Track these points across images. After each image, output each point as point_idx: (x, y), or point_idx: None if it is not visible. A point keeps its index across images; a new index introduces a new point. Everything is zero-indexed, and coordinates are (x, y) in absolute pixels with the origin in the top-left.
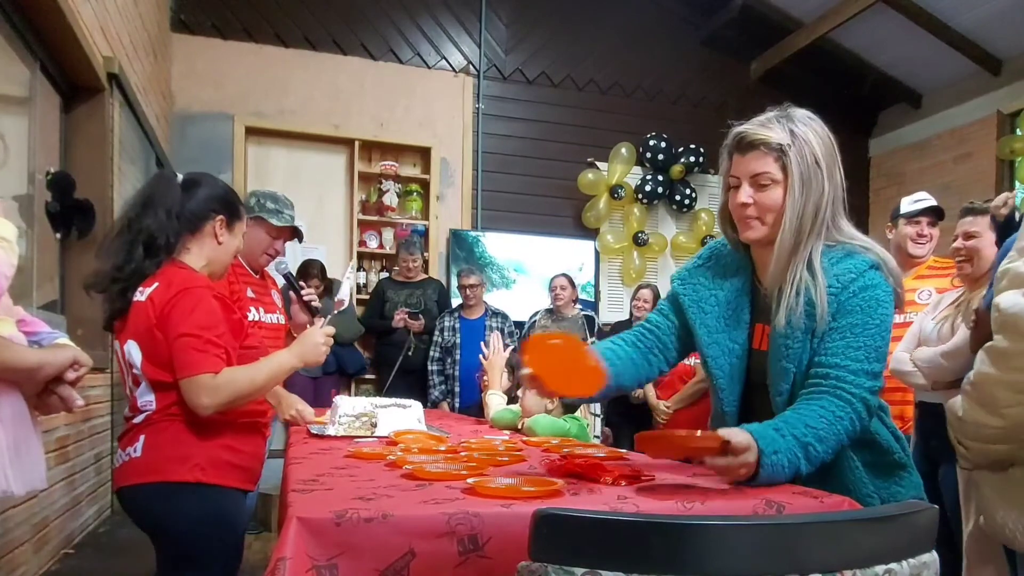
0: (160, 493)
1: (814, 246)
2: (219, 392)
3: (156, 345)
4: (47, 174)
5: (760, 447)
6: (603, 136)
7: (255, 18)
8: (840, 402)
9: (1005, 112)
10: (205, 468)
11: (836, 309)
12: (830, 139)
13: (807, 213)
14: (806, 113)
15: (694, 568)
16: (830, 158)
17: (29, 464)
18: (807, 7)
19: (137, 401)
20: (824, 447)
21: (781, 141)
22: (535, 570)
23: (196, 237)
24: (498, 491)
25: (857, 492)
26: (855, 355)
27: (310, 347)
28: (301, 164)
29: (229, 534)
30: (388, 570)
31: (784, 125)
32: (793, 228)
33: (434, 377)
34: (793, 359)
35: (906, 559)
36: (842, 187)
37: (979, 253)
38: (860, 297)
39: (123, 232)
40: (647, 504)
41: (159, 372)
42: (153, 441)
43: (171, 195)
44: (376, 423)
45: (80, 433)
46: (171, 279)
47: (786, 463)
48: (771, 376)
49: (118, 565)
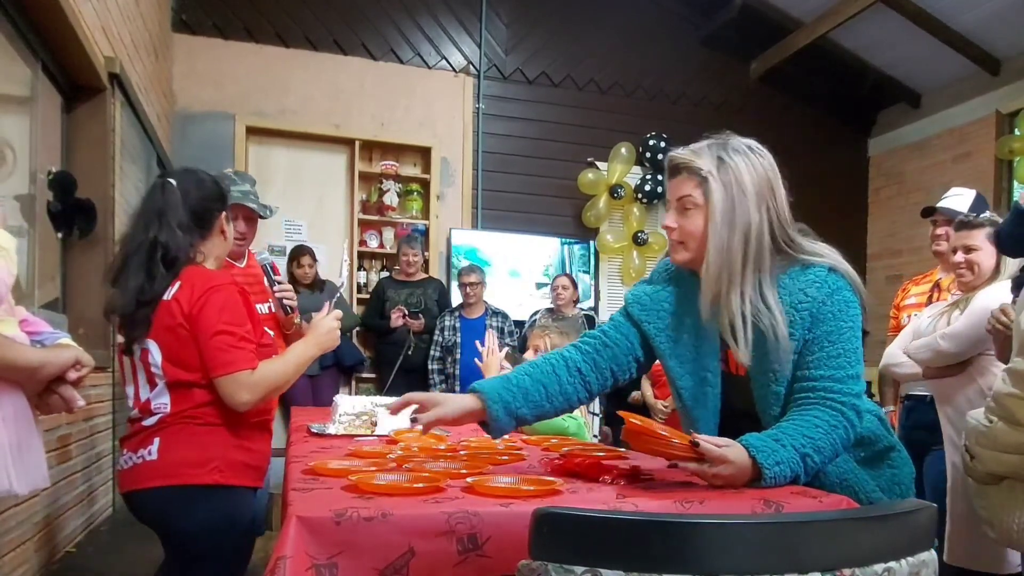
0: (178, 496)
1: (761, 278)
2: (258, 387)
3: (180, 344)
4: (48, 174)
5: (760, 461)
6: (603, 136)
7: (256, 18)
8: (832, 412)
9: (1004, 112)
10: (223, 470)
11: (811, 321)
12: (769, 169)
13: (734, 243)
14: (747, 143)
15: (693, 567)
16: (763, 187)
17: (32, 463)
18: (807, 7)
19: (151, 403)
20: (821, 457)
21: (703, 167)
22: (535, 569)
23: (208, 239)
24: (497, 490)
25: (863, 491)
26: (837, 363)
27: (325, 333)
28: (302, 164)
29: (239, 533)
30: (388, 569)
31: (714, 152)
32: (718, 257)
33: (434, 376)
34: (783, 382)
35: (905, 557)
36: (780, 217)
37: (979, 265)
38: (831, 303)
39: (139, 251)
40: (646, 503)
41: (179, 372)
42: (170, 444)
43: (177, 206)
44: (376, 422)
45: (82, 432)
46: (194, 278)
47: (788, 472)
48: (759, 402)
49: (120, 563)
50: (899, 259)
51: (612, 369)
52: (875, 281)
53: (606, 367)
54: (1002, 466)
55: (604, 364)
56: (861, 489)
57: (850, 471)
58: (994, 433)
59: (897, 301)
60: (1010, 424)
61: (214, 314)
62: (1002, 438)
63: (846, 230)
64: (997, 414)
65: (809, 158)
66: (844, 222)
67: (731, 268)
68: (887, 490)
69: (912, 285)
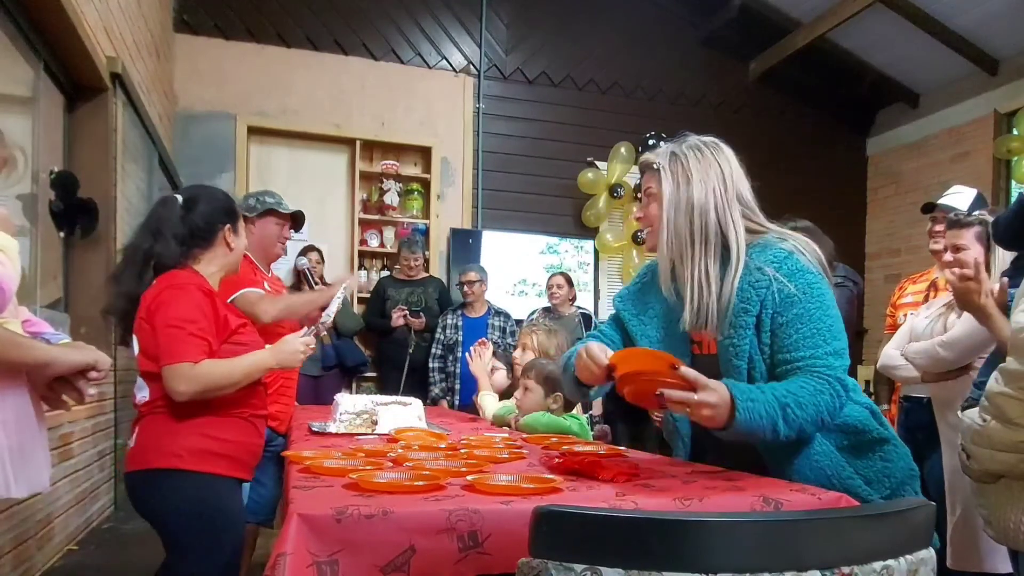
0: (146, 480)
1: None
2: (196, 381)
3: (146, 338)
4: (51, 173)
5: (734, 393)
6: (603, 135)
7: (257, 18)
8: (818, 380)
9: (1002, 111)
10: (183, 456)
11: (776, 303)
12: (720, 158)
13: (680, 223)
14: (704, 139)
15: (693, 565)
16: (710, 174)
17: (34, 466)
18: (805, 7)
19: (136, 395)
20: (804, 413)
21: (656, 160)
22: (535, 566)
23: (209, 249)
24: (498, 488)
25: (837, 476)
26: (814, 341)
27: (288, 352)
28: (303, 163)
29: (221, 522)
30: (389, 566)
31: (669, 149)
32: (668, 236)
33: (435, 375)
34: (743, 356)
35: (904, 555)
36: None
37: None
38: (795, 284)
39: (134, 261)
40: (646, 501)
41: (148, 364)
42: (143, 431)
43: (175, 219)
44: (377, 420)
45: (84, 430)
46: (162, 279)
47: (763, 413)
48: (725, 375)
49: (122, 560)
50: (897, 258)
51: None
52: (874, 280)
53: None
54: (998, 464)
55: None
56: (836, 474)
57: (825, 454)
58: (988, 432)
59: (894, 299)
60: (1003, 423)
61: (167, 309)
62: (996, 437)
63: (845, 229)
64: (991, 413)
65: (808, 157)
66: (842, 221)
67: (680, 245)
68: (875, 482)
69: (909, 284)
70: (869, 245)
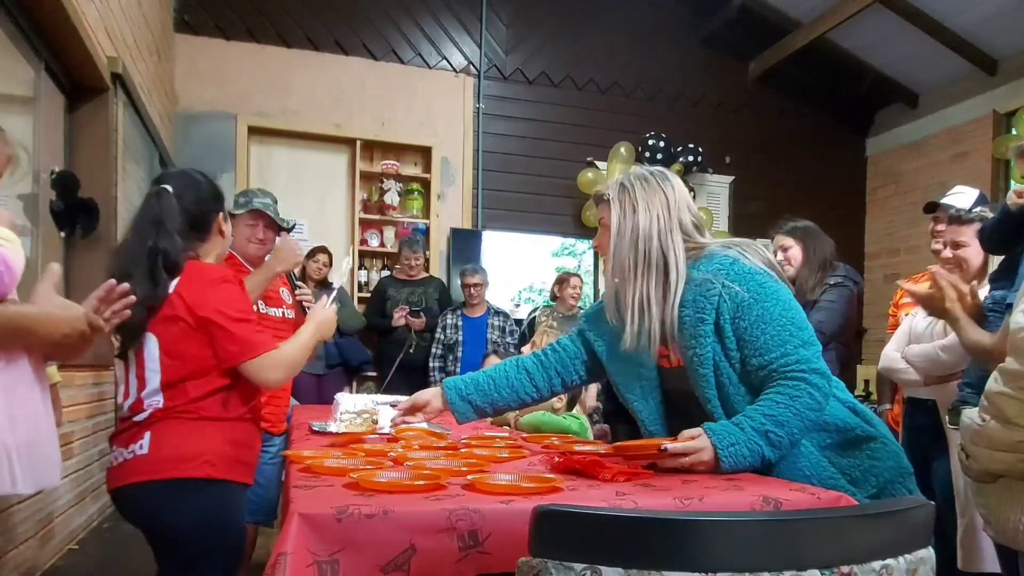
0: (169, 490)
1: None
2: (284, 367)
3: (180, 336)
4: (51, 173)
5: (714, 443)
6: (602, 135)
7: (258, 19)
8: (792, 382)
9: (1001, 111)
10: (215, 463)
11: (731, 310)
12: (666, 187)
13: (625, 250)
14: (651, 169)
15: (692, 564)
16: (654, 202)
17: (43, 463)
18: (805, 7)
19: (143, 401)
20: (786, 430)
21: (606, 192)
22: (535, 566)
23: (207, 240)
24: (498, 487)
25: (817, 477)
26: (782, 339)
27: (327, 322)
28: (303, 163)
29: (231, 529)
30: (389, 565)
31: (619, 180)
32: (617, 263)
33: (435, 374)
34: (707, 364)
35: (903, 555)
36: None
37: (967, 262)
38: (746, 287)
39: (141, 261)
40: (646, 501)
41: (176, 364)
42: (161, 438)
43: (174, 212)
44: (377, 420)
45: (85, 429)
46: (196, 272)
47: (747, 453)
48: (695, 386)
49: (122, 560)
50: (896, 258)
51: (558, 370)
52: (873, 280)
53: (552, 368)
54: (997, 464)
55: (550, 366)
56: (815, 475)
57: (804, 455)
58: (988, 432)
59: (896, 299)
60: (1002, 423)
61: (227, 304)
62: (996, 436)
63: (844, 229)
64: (990, 413)
65: (807, 158)
66: (842, 221)
67: (623, 271)
68: (859, 480)
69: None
70: (868, 245)
